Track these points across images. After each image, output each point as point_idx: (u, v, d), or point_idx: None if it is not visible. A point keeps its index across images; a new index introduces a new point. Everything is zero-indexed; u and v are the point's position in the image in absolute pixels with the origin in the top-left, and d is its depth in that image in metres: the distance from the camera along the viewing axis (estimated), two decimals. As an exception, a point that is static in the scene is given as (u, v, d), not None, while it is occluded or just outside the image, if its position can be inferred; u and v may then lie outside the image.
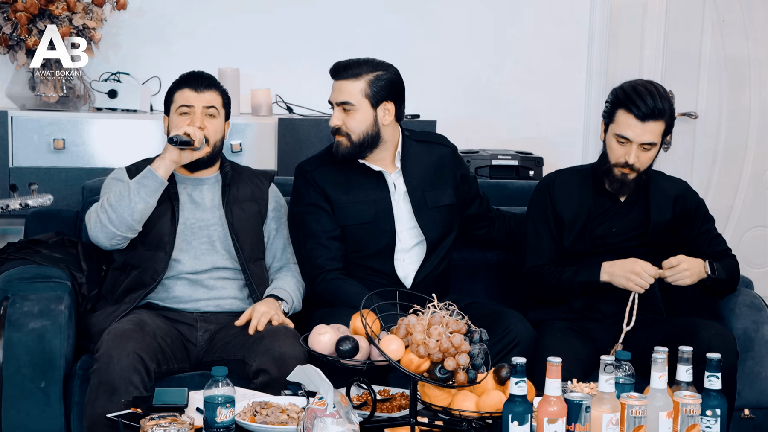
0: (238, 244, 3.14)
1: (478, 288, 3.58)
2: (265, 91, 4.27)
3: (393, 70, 3.17)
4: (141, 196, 3.01)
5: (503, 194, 3.69)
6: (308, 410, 2.23)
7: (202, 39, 4.38)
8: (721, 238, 3.29)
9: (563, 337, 3.08)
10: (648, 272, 3.04)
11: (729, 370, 2.92)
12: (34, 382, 2.90)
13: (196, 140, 3.04)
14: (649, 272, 3.04)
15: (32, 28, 3.87)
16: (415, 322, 2.35)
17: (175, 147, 3.03)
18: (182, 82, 3.17)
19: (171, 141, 3.03)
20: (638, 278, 3.04)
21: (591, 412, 2.23)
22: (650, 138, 3.08)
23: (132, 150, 3.70)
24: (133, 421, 2.38)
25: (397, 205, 3.22)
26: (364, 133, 3.13)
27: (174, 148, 3.04)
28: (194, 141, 3.04)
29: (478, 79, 4.69)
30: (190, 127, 3.06)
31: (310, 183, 3.20)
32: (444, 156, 3.32)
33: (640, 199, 3.23)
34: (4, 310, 2.93)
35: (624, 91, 3.10)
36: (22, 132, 3.85)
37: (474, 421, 2.36)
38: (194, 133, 3.05)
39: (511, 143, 4.62)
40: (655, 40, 4.90)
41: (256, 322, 2.97)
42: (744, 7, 5.01)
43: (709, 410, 2.34)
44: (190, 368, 3.03)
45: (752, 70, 5.05)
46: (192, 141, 3.04)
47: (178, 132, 3.04)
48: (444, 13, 4.63)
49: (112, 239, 3.05)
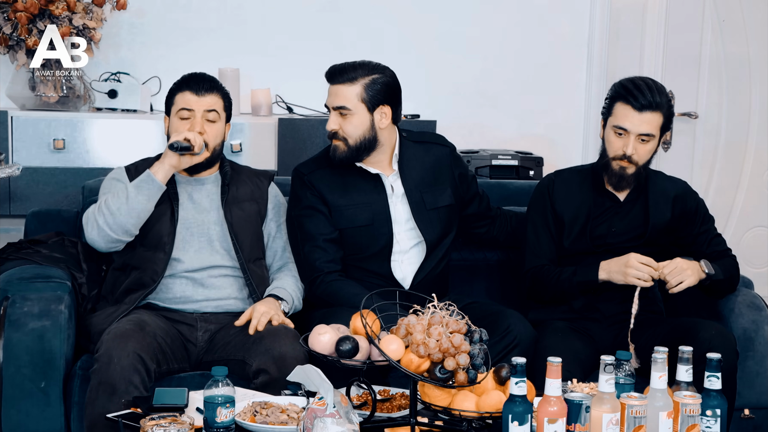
0: (237, 244, 3.14)
1: (478, 288, 3.58)
2: (265, 91, 4.27)
3: (389, 72, 3.16)
4: (139, 200, 3.01)
5: (503, 194, 3.69)
6: (308, 410, 2.23)
7: (202, 39, 4.38)
8: (721, 238, 3.29)
9: (563, 337, 3.08)
10: (642, 261, 3.04)
11: (729, 370, 2.92)
12: (34, 382, 2.90)
13: (196, 146, 3.04)
14: (643, 261, 3.04)
15: (32, 28, 3.87)
16: (415, 322, 2.35)
17: (175, 153, 3.03)
18: (183, 83, 3.16)
19: (171, 147, 3.03)
20: (634, 270, 3.04)
21: (591, 412, 2.23)
22: (648, 129, 3.09)
23: (132, 150, 3.70)
24: (133, 421, 2.38)
25: (394, 208, 3.22)
26: (361, 137, 3.13)
27: (174, 154, 3.04)
28: (194, 146, 3.04)
29: (478, 79, 4.69)
30: (190, 133, 3.05)
31: (307, 186, 3.20)
32: (442, 156, 3.32)
33: (639, 199, 3.24)
34: (4, 310, 2.93)
35: (622, 85, 3.14)
36: (22, 132, 3.85)
37: (474, 421, 2.36)
38: (194, 138, 3.04)
39: (511, 143, 4.62)
40: (655, 40, 4.90)
41: (256, 322, 2.97)
42: (744, 7, 5.00)
43: (709, 410, 2.34)
44: (190, 368, 3.03)
45: (752, 70, 5.05)
46: (192, 146, 3.04)
47: (179, 138, 3.04)
48: (444, 13, 4.62)
49: (109, 242, 3.05)
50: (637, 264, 3.04)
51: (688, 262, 3.08)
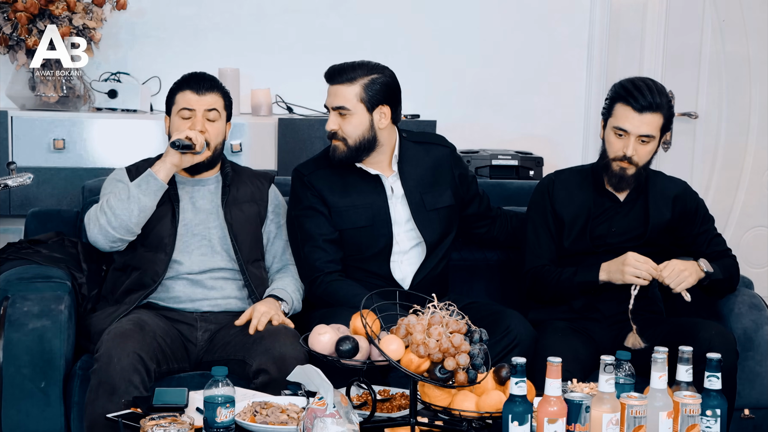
0: (236, 246, 3.14)
1: (478, 288, 3.58)
2: (265, 91, 4.27)
3: (388, 72, 3.16)
4: (141, 199, 3.01)
5: (503, 194, 3.69)
6: (308, 410, 2.23)
7: (202, 39, 4.38)
8: (721, 238, 3.29)
9: (563, 337, 3.08)
10: (639, 260, 3.04)
11: (729, 370, 2.93)
12: (34, 382, 2.90)
13: (197, 144, 3.04)
14: (640, 259, 3.04)
15: (32, 28, 3.87)
16: (415, 322, 2.35)
17: (177, 151, 3.03)
18: (184, 83, 3.16)
19: (173, 145, 3.03)
20: (632, 268, 3.04)
21: (591, 412, 2.23)
22: (648, 130, 3.09)
23: (132, 150, 3.70)
24: (133, 421, 2.38)
25: (394, 208, 3.22)
26: (360, 138, 3.12)
27: (175, 152, 3.04)
28: (195, 145, 3.04)
29: (478, 79, 4.69)
30: (191, 131, 3.05)
31: (307, 186, 3.19)
32: (442, 156, 3.31)
33: (639, 199, 3.24)
34: (4, 310, 2.93)
35: (622, 86, 3.14)
36: (22, 132, 3.85)
37: (474, 421, 2.36)
38: (196, 137, 3.05)
39: (511, 143, 4.62)
40: (655, 41, 4.90)
41: (256, 322, 2.97)
42: (744, 7, 5.00)
43: (709, 410, 2.34)
44: (190, 368, 3.03)
45: (752, 70, 5.05)
46: (193, 145, 3.04)
47: (180, 136, 3.04)
48: (445, 13, 4.63)
49: (111, 242, 3.05)
50: (635, 262, 3.04)
51: (684, 262, 3.08)
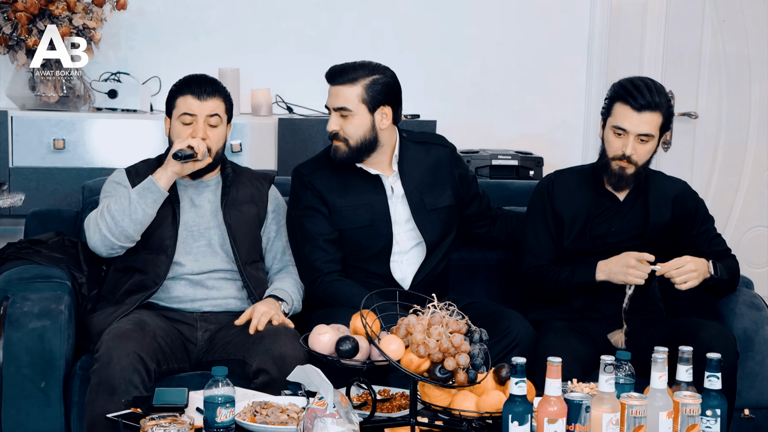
0: (235, 247, 3.14)
1: (478, 288, 3.58)
2: (265, 91, 4.27)
3: (389, 73, 3.16)
4: (141, 207, 3.00)
5: (503, 194, 3.69)
6: (308, 410, 2.23)
7: (202, 39, 4.38)
8: (721, 238, 3.29)
9: (563, 337, 3.09)
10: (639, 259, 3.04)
11: (729, 370, 2.92)
12: (34, 382, 2.90)
13: (199, 153, 3.03)
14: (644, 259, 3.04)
15: (32, 28, 3.87)
16: (415, 322, 2.35)
17: (179, 161, 3.02)
18: (185, 86, 3.13)
19: (175, 156, 3.01)
20: (635, 270, 3.04)
21: (591, 412, 2.23)
22: (647, 129, 3.09)
23: (132, 150, 3.70)
24: (133, 421, 2.38)
25: (394, 208, 3.22)
26: (361, 138, 3.12)
27: (177, 162, 3.03)
28: (197, 154, 3.03)
29: (478, 79, 4.69)
30: (193, 140, 3.04)
31: (307, 186, 3.19)
32: (442, 156, 3.31)
33: (639, 199, 3.24)
34: (4, 310, 2.93)
35: (621, 85, 3.14)
36: (22, 132, 3.85)
37: (474, 421, 2.36)
38: (198, 145, 3.03)
39: (511, 143, 4.62)
40: (655, 40, 4.90)
41: (257, 322, 2.97)
42: (744, 7, 5.00)
43: (709, 410, 2.35)
44: (190, 368, 3.03)
45: (752, 70, 5.05)
46: (195, 154, 3.03)
47: (182, 146, 3.02)
48: (444, 13, 4.62)
49: (110, 248, 3.04)
50: (637, 263, 3.04)
51: (697, 261, 3.07)
